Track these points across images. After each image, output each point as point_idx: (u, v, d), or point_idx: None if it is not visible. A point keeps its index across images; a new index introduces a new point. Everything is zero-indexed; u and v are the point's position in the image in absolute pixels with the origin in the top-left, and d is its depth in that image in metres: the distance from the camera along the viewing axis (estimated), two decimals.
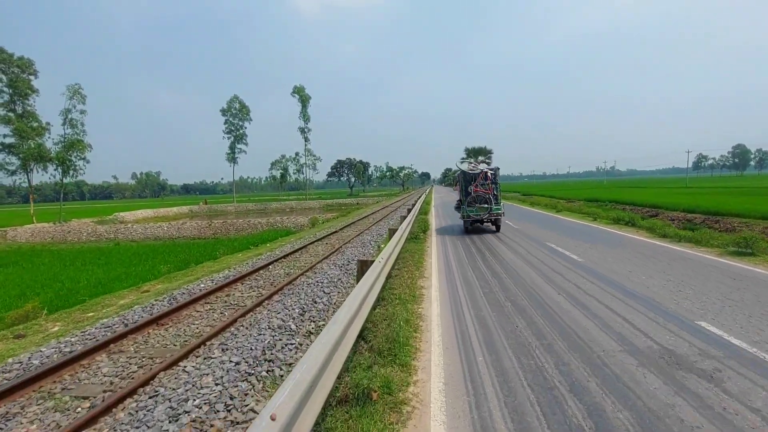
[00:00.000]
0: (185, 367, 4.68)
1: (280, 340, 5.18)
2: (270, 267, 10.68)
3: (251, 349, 4.93)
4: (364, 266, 5.65)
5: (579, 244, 11.22)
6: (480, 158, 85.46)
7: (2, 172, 43.23)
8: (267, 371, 4.40)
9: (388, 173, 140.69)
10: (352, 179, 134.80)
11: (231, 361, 4.65)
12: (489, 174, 15.15)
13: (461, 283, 7.39)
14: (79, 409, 3.96)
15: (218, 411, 3.66)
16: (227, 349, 5.02)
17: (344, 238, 15.79)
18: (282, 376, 4.33)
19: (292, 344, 5.06)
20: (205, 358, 4.87)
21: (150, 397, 4.04)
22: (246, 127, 79.76)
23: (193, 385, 4.16)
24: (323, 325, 5.68)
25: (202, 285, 8.70)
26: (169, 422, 3.54)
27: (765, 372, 3.69)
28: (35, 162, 44.08)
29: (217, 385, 4.13)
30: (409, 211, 16.26)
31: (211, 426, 3.45)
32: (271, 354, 4.79)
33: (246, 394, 3.91)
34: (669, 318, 5.09)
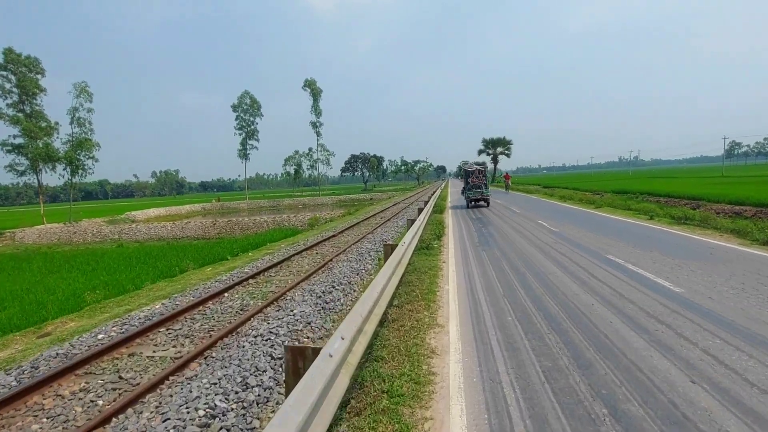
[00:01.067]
0: None
1: None
2: (225, 295, 7.90)
3: None
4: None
5: (655, 258, 7.99)
6: (498, 149, 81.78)
7: (13, 173, 42.87)
8: None
9: (402, 167, 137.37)
10: (366, 174, 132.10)
11: None
12: (480, 169, 22.78)
13: (498, 339, 4.44)
14: None
15: None
16: None
17: (341, 245, 12.96)
18: None
19: None
20: None
21: None
22: (257, 123, 78.02)
23: None
24: None
25: (101, 335, 5.89)
26: None
27: None
28: (43, 162, 43.33)
29: None
30: (411, 222, 13.27)
31: None
32: None
33: None
34: None
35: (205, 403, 3.55)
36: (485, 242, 10.95)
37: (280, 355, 4.57)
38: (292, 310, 6.28)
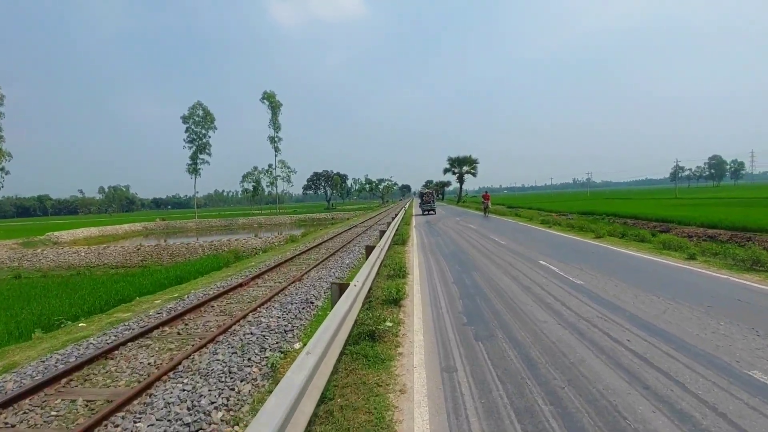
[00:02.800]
0: None
1: None
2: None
3: None
4: None
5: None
6: (464, 168, 79.52)
7: None
8: None
9: (367, 186, 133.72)
10: (329, 192, 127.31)
11: None
12: (430, 192, 41.09)
13: None
14: None
15: None
16: None
17: (258, 296, 8.25)
18: None
19: None
20: None
21: None
22: (210, 136, 72.22)
23: None
24: None
25: None
26: None
27: None
28: None
29: None
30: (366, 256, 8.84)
31: None
32: None
33: None
34: None
35: None
36: (476, 314, 6.51)
37: None
38: None
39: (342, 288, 4.69)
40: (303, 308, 7.28)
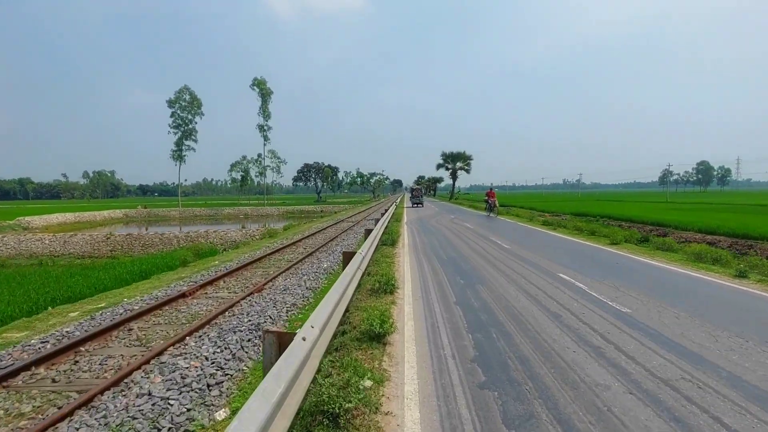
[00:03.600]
0: None
1: None
2: None
3: None
4: None
5: None
6: (458, 164, 77.60)
7: None
8: None
9: (358, 179, 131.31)
10: (320, 184, 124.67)
11: None
12: (419, 188, 51.12)
13: None
14: None
15: None
16: None
17: (203, 312, 6.17)
18: None
19: None
20: None
21: None
22: (197, 123, 69.44)
23: None
24: None
25: None
26: None
27: None
28: None
29: None
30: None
31: None
32: None
33: None
34: None
35: None
36: (496, 364, 4.46)
37: None
38: None
39: (281, 343, 2.66)
40: (248, 340, 5.22)
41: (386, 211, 20.57)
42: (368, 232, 9.89)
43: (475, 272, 8.89)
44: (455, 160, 77.06)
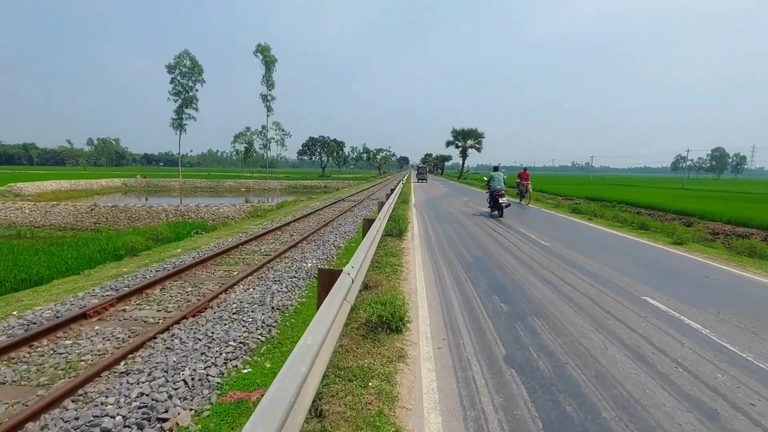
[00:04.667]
0: None
1: None
2: None
3: None
4: None
5: None
6: (469, 142, 73.89)
7: None
8: None
9: (364, 155, 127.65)
10: (325, 159, 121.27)
11: None
12: (423, 166, 65.35)
13: None
14: None
15: None
16: None
17: (81, 366, 3.57)
18: None
19: None
20: None
21: None
22: (197, 90, 66.00)
23: None
24: None
25: None
26: None
27: None
28: None
29: None
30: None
31: None
32: None
33: None
34: None
35: None
36: None
37: None
38: None
39: None
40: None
41: (393, 190, 17.68)
42: (369, 222, 7.14)
43: (518, 289, 6.20)
44: (466, 138, 73.30)
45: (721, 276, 7.34)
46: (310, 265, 7.82)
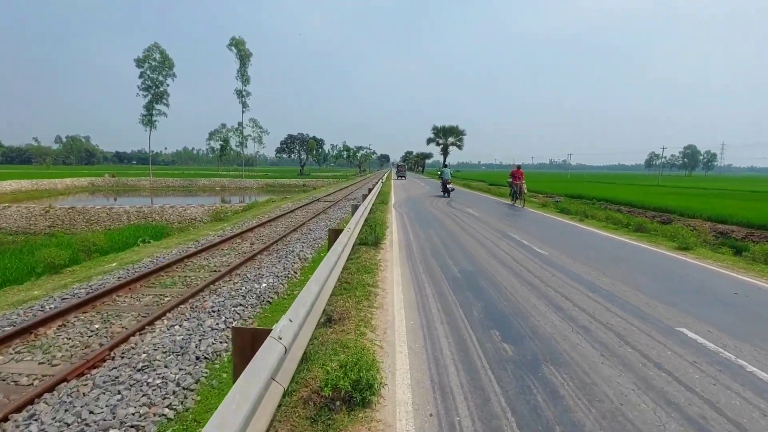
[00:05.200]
0: None
1: None
2: None
3: None
4: None
5: None
6: (450, 139, 73.10)
7: None
8: None
9: (344, 153, 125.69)
10: (303, 157, 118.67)
11: None
12: (402, 165, 65.57)
13: None
14: None
15: None
16: None
17: None
18: None
19: None
20: None
21: None
22: (168, 85, 62.88)
23: None
24: None
25: None
26: None
27: None
28: None
29: None
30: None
31: None
32: None
33: None
34: None
35: None
36: None
37: None
38: None
39: None
40: None
41: (372, 189, 16.28)
42: (335, 234, 5.72)
43: (521, 318, 4.92)
44: (447, 135, 72.52)
45: (752, 292, 6.25)
46: (264, 286, 6.34)
